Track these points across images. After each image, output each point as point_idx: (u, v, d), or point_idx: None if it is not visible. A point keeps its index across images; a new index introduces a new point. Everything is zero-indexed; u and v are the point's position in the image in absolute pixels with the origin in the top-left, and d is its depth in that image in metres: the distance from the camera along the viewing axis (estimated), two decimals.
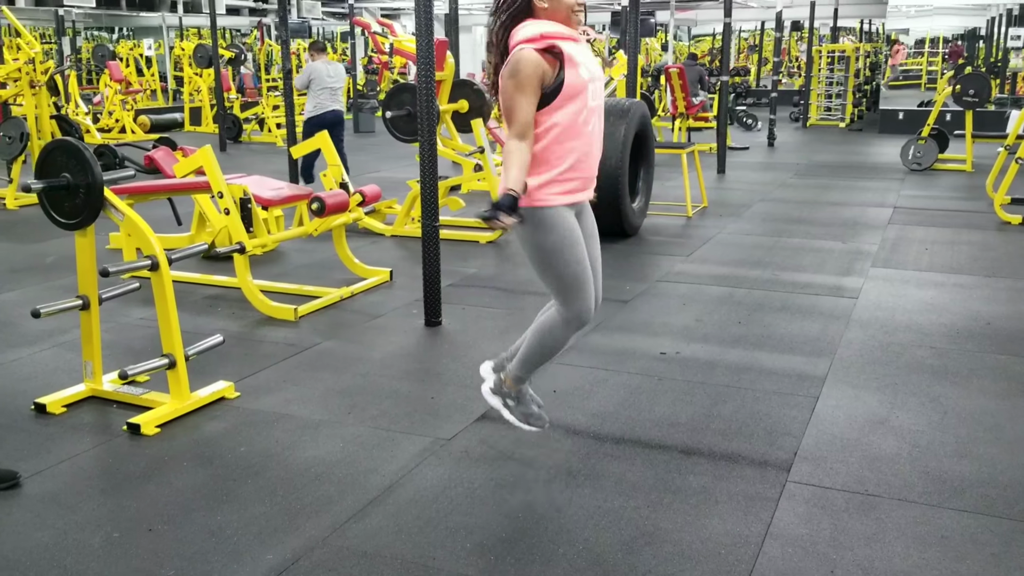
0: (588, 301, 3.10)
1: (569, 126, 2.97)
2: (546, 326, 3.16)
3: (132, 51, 20.90)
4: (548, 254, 3.05)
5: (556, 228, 3.02)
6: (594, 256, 3.22)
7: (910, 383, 4.12)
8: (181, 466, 3.42)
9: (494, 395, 3.40)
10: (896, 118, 16.26)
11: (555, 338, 3.16)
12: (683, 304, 5.50)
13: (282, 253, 6.97)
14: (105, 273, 3.83)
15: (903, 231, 7.61)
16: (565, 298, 3.09)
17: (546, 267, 3.09)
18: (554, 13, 2.96)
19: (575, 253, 3.05)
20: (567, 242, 3.03)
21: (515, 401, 3.35)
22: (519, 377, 3.32)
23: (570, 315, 3.10)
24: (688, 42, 34.32)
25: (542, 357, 3.24)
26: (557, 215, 3.02)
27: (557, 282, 3.09)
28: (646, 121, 7.58)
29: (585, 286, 3.07)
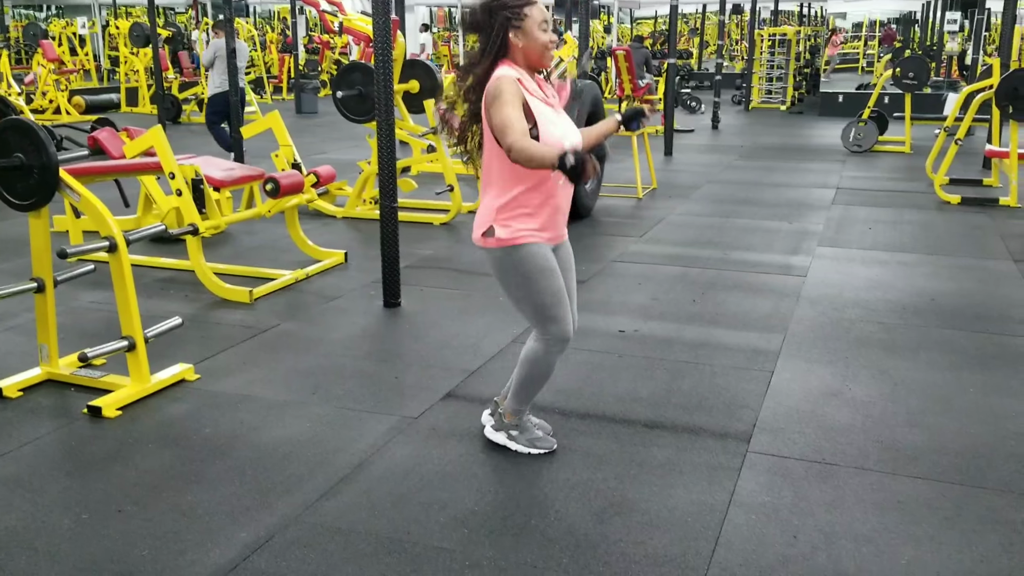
0: (565, 324, 3.10)
1: (543, 178, 2.96)
2: (532, 355, 3.17)
3: (65, 30, 20.29)
4: (524, 282, 3.04)
5: (531, 259, 3.00)
6: (570, 286, 3.23)
7: (861, 357, 4.27)
8: (146, 448, 3.40)
9: (497, 432, 3.39)
10: (836, 101, 16.61)
11: (541, 366, 3.17)
12: (639, 283, 5.59)
13: (231, 235, 6.89)
14: (63, 255, 3.76)
15: (847, 211, 7.82)
16: (543, 324, 3.10)
17: (521, 295, 3.07)
18: (528, 51, 2.95)
19: (551, 281, 3.03)
20: (543, 269, 3.02)
21: (518, 431, 3.35)
22: (517, 410, 3.30)
23: (550, 338, 3.11)
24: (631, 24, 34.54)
25: (534, 386, 3.24)
26: (534, 248, 3.01)
27: (533, 309, 3.08)
28: (598, 102, 7.65)
29: (562, 310, 3.08)
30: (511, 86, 2.87)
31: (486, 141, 3.01)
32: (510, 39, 2.94)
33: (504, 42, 2.95)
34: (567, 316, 3.11)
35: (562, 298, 3.09)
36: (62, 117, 15.03)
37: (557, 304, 3.07)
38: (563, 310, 3.09)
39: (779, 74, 18.41)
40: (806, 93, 19.13)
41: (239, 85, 9.94)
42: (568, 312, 3.12)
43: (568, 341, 3.14)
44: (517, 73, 2.94)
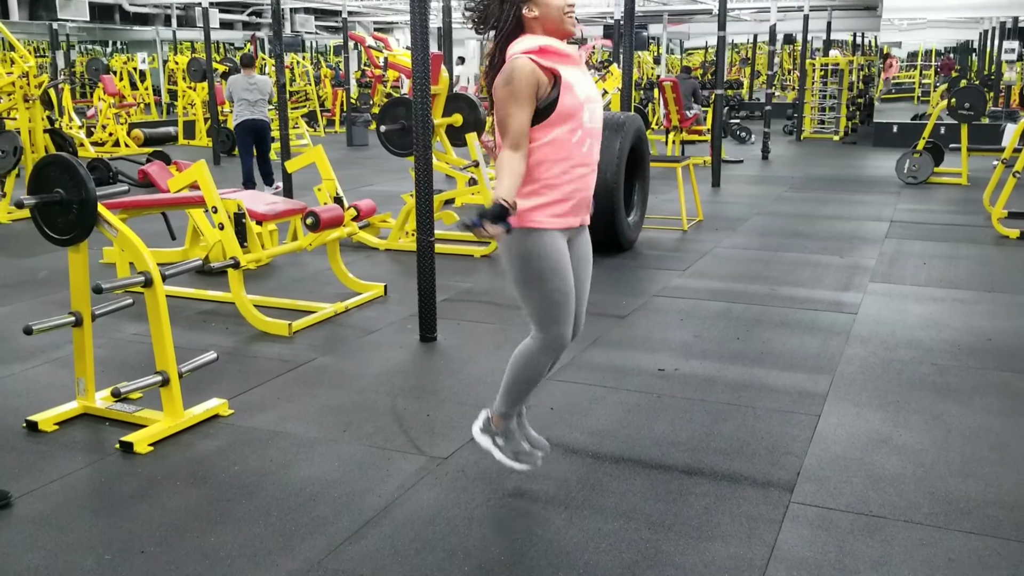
0: (566, 328, 2.98)
1: (563, 144, 2.85)
2: (523, 355, 3.06)
3: (126, 65, 20.87)
4: (532, 278, 2.92)
5: (545, 254, 2.88)
6: (582, 279, 3.09)
7: (912, 400, 4.08)
8: (174, 485, 3.37)
9: (483, 434, 3.27)
10: (890, 131, 16.29)
11: (532, 366, 3.05)
12: (681, 319, 5.46)
13: (275, 267, 6.92)
14: (98, 290, 3.78)
15: (901, 245, 7.59)
16: (543, 324, 2.98)
17: (528, 291, 2.96)
18: (545, 20, 2.85)
19: (560, 282, 2.92)
20: (554, 269, 2.90)
21: (504, 439, 3.22)
22: (504, 413, 3.18)
23: (546, 340, 2.99)
24: (680, 55, 34.46)
25: (523, 387, 3.11)
26: (548, 239, 2.89)
27: (537, 307, 2.97)
28: (641, 134, 7.56)
29: (565, 314, 2.96)
30: (524, 75, 2.76)
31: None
32: (523, 15, 2.85)
33: (516, 19, 2.85)
34: (569, 322, 2.99)
35: (568, 301, 2.96)
36: (121, 150, 15.39)
37: (561, 307, 2.94)
38: (566, 314, 2.96)
39: (832, 104, 18.15)
40: (860, 123, 18.82)
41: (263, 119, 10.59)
42: (570, 317, 2.99)
43: (564, 348, 3.03)
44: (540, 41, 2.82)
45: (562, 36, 2.90)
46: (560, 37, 2.90)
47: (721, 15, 10.99)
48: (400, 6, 22.52)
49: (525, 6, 2.84)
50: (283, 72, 9.28)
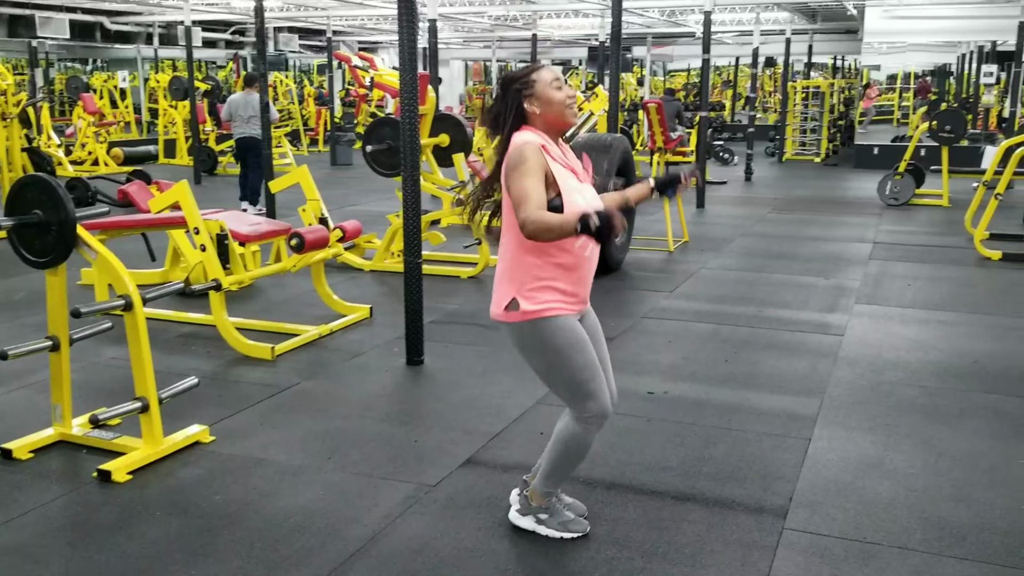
0: (603, 399, 2.91)
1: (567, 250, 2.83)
2: (567, 434, 2.95)
3: (106, 83, 20.74)
4: (555, 363, 2.87)
5: (560, 336, 2.85)
6: (603, 356, 3.03)
7: (902, 424, 4.06)
8: (154, 516, 3.28)
9: (524, 516, 3.14)
10: (871, 153, 16.42)
11: (579, 444, 2.95)
12: (669, 341, 5.42)
13: (258, 289, 6.84)
14: (77, 314, 3.69)
15: (885, 267, 7.61)
16: (579, 402, 2.92)
17: (554, 376, 2.92)
18: (548, 114, 2.84)
19: (583, 357, 2.86)
20: (573, 347, 2.85)
21: (547, 514, 3.12)
22: (547, 492, 3.08)
23: (588, 416, 2.91)
24: (664, 77, 34.68)
25: (568, 468, 3.03)
26: (560, 322, 2.85)
27: (568, 389, 2.91)
28: (628, 156, 7.56)
29: (598, 386, 2.89)
30: (535, 155, 2.74)
31: (504, 208, 2.87)
32: (526, 110, 2.84)
33: (519, 112, 2.85)
34: (604, 390, 2.91)
35: (597, 372, 2.89)
36: (100, 169, 15.25)
37: (592, 379, 2.87)
38: (599, 384, 2.89)
39: (813, 126, 18.27)
40: (841, 145, 18.96)
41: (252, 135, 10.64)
42: (604, 386, 2.92)
43: (607, 417, 2.94)
44: (541, 139, 2.82)
45: (562, 127, 2.91)
46: (560, 128, 2.91)
47: (705, 38, 11.06)
48: (385, 26, 22.54)
49: (526, 100, 2.85)
50: (267, 91, 9.23)
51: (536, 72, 2.87)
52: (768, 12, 19.16)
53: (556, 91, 2.84)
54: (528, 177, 2.70)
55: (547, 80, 2.85)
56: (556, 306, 2.84)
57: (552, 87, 2.84)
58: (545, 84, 2.84)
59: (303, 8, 18.77)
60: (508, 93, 2.86)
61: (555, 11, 19.54)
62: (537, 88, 2.83)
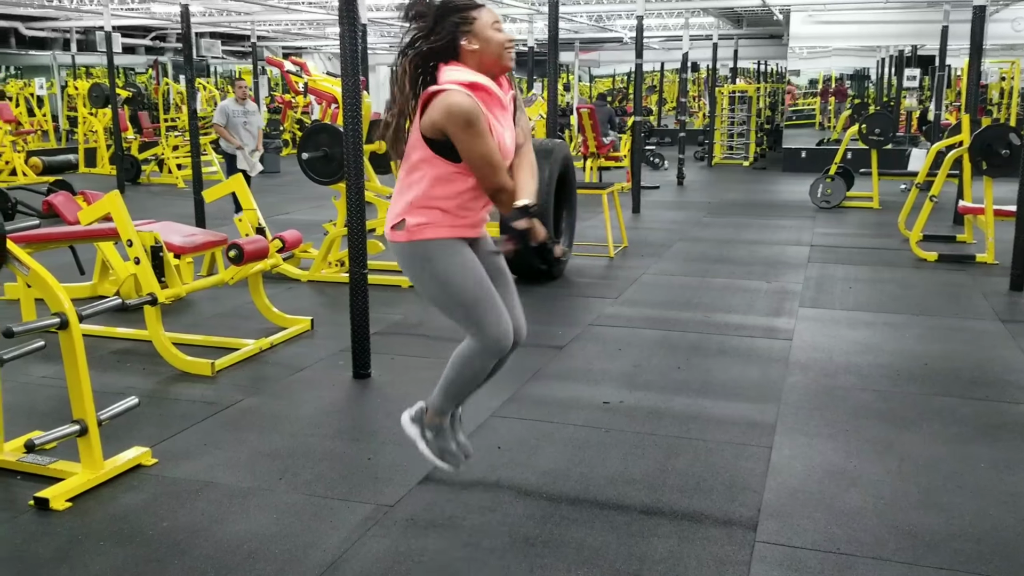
0: (501, 324, 2.86)
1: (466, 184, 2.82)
2: (463, 355, 2.95)
3: (23, 90, 19.95)
4: (443, 283, 2.85)
5: (443, 254, 2.84)
6: (504, 282, 3.02)
7: (861, 429, 4.06)
8: (97, 546, 3.09)
9: (413, 424, 3.15)
10: (799, 156, 16.76)
11: (474, 368, 2.94)
12: (619, 349, 5.38)
13: (192, 302, 6.58)
14: (9, 334, 3.46)
15: (824, 269, 7.71)
16: (476, 326, 2.87)
17: (445, 298, 2.89)
18: (484, 55, 2.77)
19: (472, 275, 2.84)
20: (459, 266, 2.84)
21: (433, 433, 3.10)
22: (440, 409, 3.08)
23: (487, 342, 2.88)
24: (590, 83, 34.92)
25: (463, 388, 3.01)
26: (442, 243, 2.84)
27: (462, 310, 2.87)
28: (569, 162, 7.52)
29: (492, 308, 2.85)
30: (475, 111, 2.69)
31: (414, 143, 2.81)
32: (461, 46, 2.77)
33: (453, 46, 2.78)
34: (501, 317, 2.87)
35: (491, 296, 2.86)
36: (19, 179, 14.63)
37: (484, 301, 2.85)
38: (493, 310, 2.85)
39: (741, 130, 18.58)
40: (768, 149, 19.32)
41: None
42: (501, 314, 2.87)
43: (506, 346, 2.90)
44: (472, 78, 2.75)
45: (499, 71, 2.85)
46: (497, 72, 2.84)
47: (638, 43, 11.12)
48: (310, 31, 22.18)
49: (465, 37, 2.76)
50: (194, 98, 8.94)
51: (476, 9, 2.79)
52: (695, 18, 19.44)
53: (496, 32, 2.79)
54: (482, 138, 2.69)
55: (488, 21, 2.79)
56: (441, 230, 2.83)
57: (493, 27, 2.79)
58: (486, 24, 2.78)
59: (226, 13, 18.33)
60: (445, 24, 2.77)
61: None
62: (476, 26, 2.77)
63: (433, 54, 2.79)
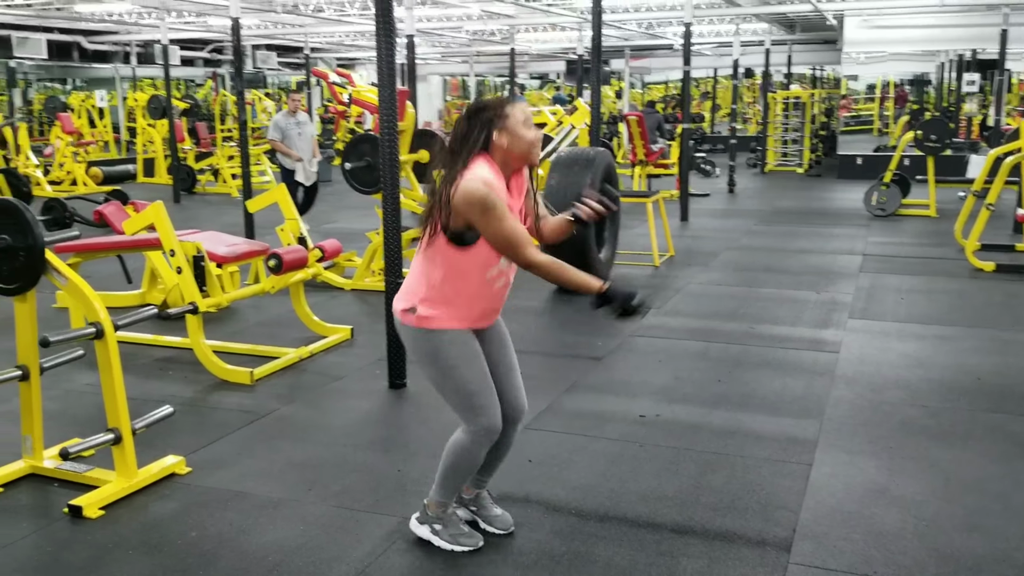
0: (491, 417, 2.95)
1: (477, 279, 2.89)
2: (457, 446, 3.02)
3: (84, 102, 20.49)
4: (444, 371, 2.93)
5: (448, 350, 2.91)
6: (509, 364, 3.10)
7: (906, 446, 3.92)
8: (126, 555, 3.11)
9: (421, 525, 3.18)
10: (854, 163, 16.40)
11: (466, 457, 3.00)
12: (659, 361, 5.28)
13: (236, 311, 6.65)
14: (45, 343, 3.52)
15: (876, 279, 7.50)
16: (467, 415, 2.97)
17: (443, 386, 2.98)
18: (512, 150, 2.84)
19: (471, 372, 2.92)
20: (464, 357, 2.92)
21: (441, 524, 3.14)
22: (441, 502, 3.13)
23: (476, 430, 2.96)
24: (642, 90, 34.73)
25: (458, 478, 3.06)
26: (450, 335, 2.92)
27: (457, 399, 2.97)
28: (611, 170, 7.44)
29: (486, 401, 2.94)
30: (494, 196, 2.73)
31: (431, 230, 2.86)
32: (493, 139, 2.83)
33: (487, 139, 2.83)
34: (494, 406, 2.95)
35: (486, 387, 2.95)
36: (79, 189, 15.01)
37: (480, 394, 2.93)
38: (488, 400, 2.94)
39: (795, 136, 18.27)
40: (823, 155, 18.96)
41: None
42: (494, 402, 2.95)
43: (496, 434, 2.97)
44: (494, 178, 2.79)
45: (524, 165, 2.93)
46: (520, 166, 2.92)
47: (686, 50, 10.99)
48: (362, 43, 22.42)
49: (496, 131, 2.83)
50: (244, 109, 9.06)
51: (510, 106, 2.87)
52: (747, 24, 19.19)
53: (527, 130, 2.86)
54: (505, 220, 2.75)
55: (520, 118, 2.86)
56: (449, 320, 2.90)
57: (524, 125, 2.86)
58: (518, 121, 2.85)
59: (280, 26, 18.63)
60: (479, 119, 2.84)
61: (532, 25, 19.48)
62: (509, 122, 2.84)
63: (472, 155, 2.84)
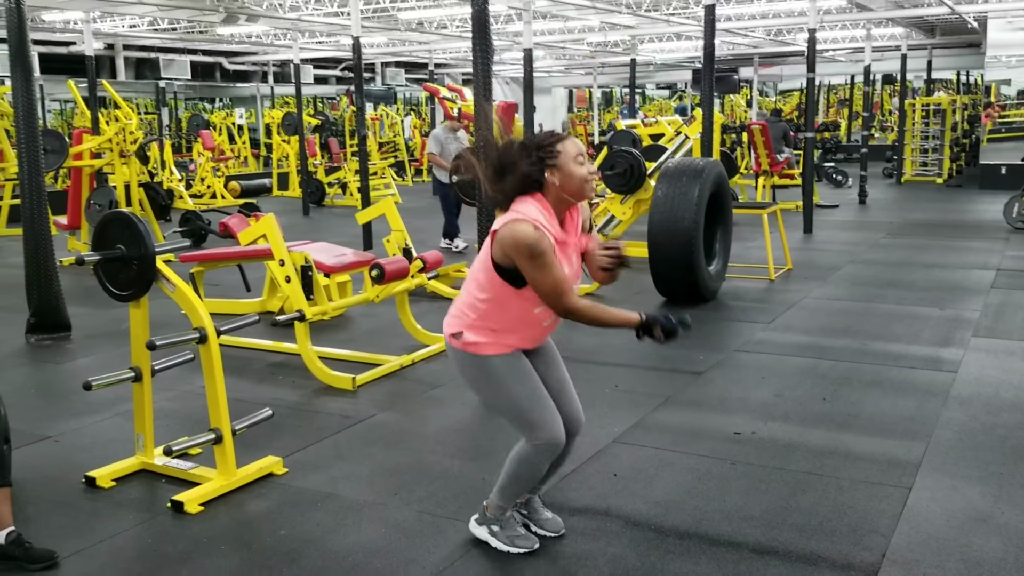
0: (551, 430, 2.95)
1: (525, 314, 2.91)
2: (519, 457, 3.04)
3: (225, 120, 21.64)
4: (495, 390, 2.97)
5: (499, 367, 2.94)
6: (560, 379, 3.11)
7: (1018, 473, 3.67)
8: (218, 549, 3.26)
9: (480, 526, 3.23)
10: (998, 173, 15.49)
11: (530, 467, 3.02)
12: (762, 377, 5.13)
13: (349, 319, 6.88)
14: (152, 346, 3.74)
15: (1008, 296, 7.05)
16: (528, 431, 2.98)
17: (498, 402, 3.01)
18: (566, 187, 2.83)
19: (524, 386, 2.94)
20: (512, 376, 2.94)
21: (499, 526, 3.18)
22: (500, 506, 3.18)
23: (539, 444, 2.96)
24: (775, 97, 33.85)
25: (519, 487, 3.10)
26: (499, 357, 2.95)
27: (514, 418, 3.00)
28: (722, 180, 7.29)
29: (544, 415, 2.95)
30: (547, 244, 2.75)
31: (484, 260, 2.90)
32: (546, 178, 2.83)
33: (537, 179, 2.83)
34: (552, 419, 2.95)
35: (541, 400, 2.95)
36: (218, 202, 15.87)
37: (536, 407, 2.94)
38: (546, 413, 2.94)
39: (934, 145, 17.40)
40: (965, 165, 17.98)
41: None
42: (552, 415, 2.95)
43: (559, 446, 2.97)
44: (543, 218, 2.79)
45: (578, 199, 2.92)
46: (576, 200, 2.91)
47: (810, 56, 10.66)
48: None
49: (548, 170, 2.83)
50: (363, 124, 9.37)
51: (562, 143, 2.85)
52: (882, 28, 18.43)
53: (579, 166, 2.84)
54: (551, 268, 2.77)
55: (572, 154, 2.84)
56: (498, 348, 2.93)
57: (576, 161, 2.83)
58: (570, 157, 2.83)
59: (407, 43, 19.16)
60: (531, 157, 2.83)
61: (656, 35, 19.32)
62: (561, 160, 2.83)
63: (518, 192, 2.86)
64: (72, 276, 8.66)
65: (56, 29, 16.27)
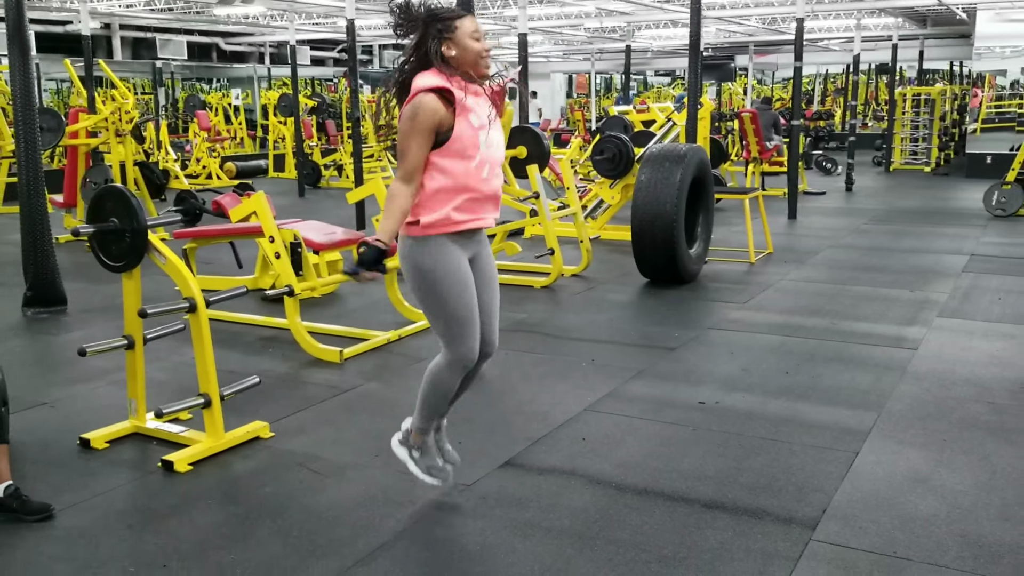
0: (471, 345, 3.10)
1: (462, 174, 3.00)
2: (432, 372, 3.20)
3: (221, 100, 21.77)
4: (432, 289, 3.05)
5: (440, 261, 3.03)
6: (489, 301, 3.23)
7: (961, 440, 3.90)
8: (206, 504, 3.47)
9: (401, 447, 3.44)
10: (984, 162, 15.70)
11: (442, 381, 3.19)
12: (731, 353, 5.35)
13: (339, 296, 7.08)
14: (143, 314, 3.93)
15: (977, 280, 7.28)
16: (448, 338, 3.12)
17: (430, 302, 3.09)
18: (461, 60, 3.00)
19: (461, 294, 3.05)
20: (452, 279, 3.04)
21: (419, 452, 3.38)
22: (420, 428, 3.35)
23: (453, 357, 3.13)
24: (772, 85, 33.96)
25: (434, 403, 3.26)
26: (442, 247, 3.03)
27: (440, 320, 3.10)
28: (704, 166, 7.49)
29: (469, 329, 3.08)
30: (427, 112, 2.92)
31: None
32: (442, 50, 3.00)
33: (435, 51, 3.00)
34: (473, 339, 3.10)
35: (471, 319, 3.09)
36: (214, 182, 16.02)
37: (465, 323, 3.07)
38: (470, 331, 3.09)
39: (924, 134, 17.59)
40: (954, 154, 18.18)
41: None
42: (475, 333, 3.10)
43: (472, 365, 3.15)
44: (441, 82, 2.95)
45: (476, 73, 3.06)
46: (475, 73, 3.05)
47: (797, 45, 10.83)
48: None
49: (444, 43, 3.00)
50: (358, 106, 9.54)
51: (459, 19, 3.03)
52: (874, 18, 18.57)
53: (474, 41, 3.01)
54: (413, 136, 2.92)
55: (468, 30, 3.02)
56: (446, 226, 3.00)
57: (471, 37, 3.01)
58: (465, 33, 3.01)
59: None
60: (429, 30, 3.01)
61: (652, 22, 19.45)
62: (457, 34, 3.00)
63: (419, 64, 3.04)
64: (68, 253, 8.86)
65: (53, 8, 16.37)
